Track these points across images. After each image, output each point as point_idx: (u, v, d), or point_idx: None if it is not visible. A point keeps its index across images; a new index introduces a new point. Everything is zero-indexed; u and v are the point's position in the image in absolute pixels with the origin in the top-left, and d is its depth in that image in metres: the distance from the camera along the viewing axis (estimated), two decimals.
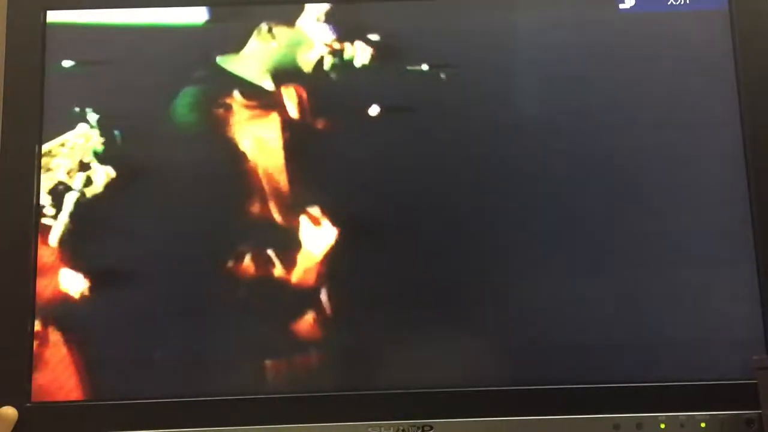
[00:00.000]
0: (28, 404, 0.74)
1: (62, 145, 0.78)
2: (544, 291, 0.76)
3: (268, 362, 0.75)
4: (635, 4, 0.80)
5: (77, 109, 0.79)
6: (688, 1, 0.80)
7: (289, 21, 0.81)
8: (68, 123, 0.79)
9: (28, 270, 0.76)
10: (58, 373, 0.75)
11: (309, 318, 0.75)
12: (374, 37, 0.80)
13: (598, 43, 0.80)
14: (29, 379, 0.74)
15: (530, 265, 0.76)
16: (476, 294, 0.76)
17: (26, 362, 0.74)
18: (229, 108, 0.79)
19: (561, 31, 0.80)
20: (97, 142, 0.78)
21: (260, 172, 0.78)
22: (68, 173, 0.78)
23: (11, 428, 0.72)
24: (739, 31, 0.79)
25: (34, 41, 0.80)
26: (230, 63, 0.80)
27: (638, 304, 0.75)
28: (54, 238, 0.77)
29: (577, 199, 0.77)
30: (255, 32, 0.80)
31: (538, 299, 0.76)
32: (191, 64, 0.80)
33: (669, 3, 0.80)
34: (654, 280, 0.75)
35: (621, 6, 0.80)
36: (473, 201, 0.77)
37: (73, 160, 0.78)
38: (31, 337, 0.75)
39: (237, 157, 0.78)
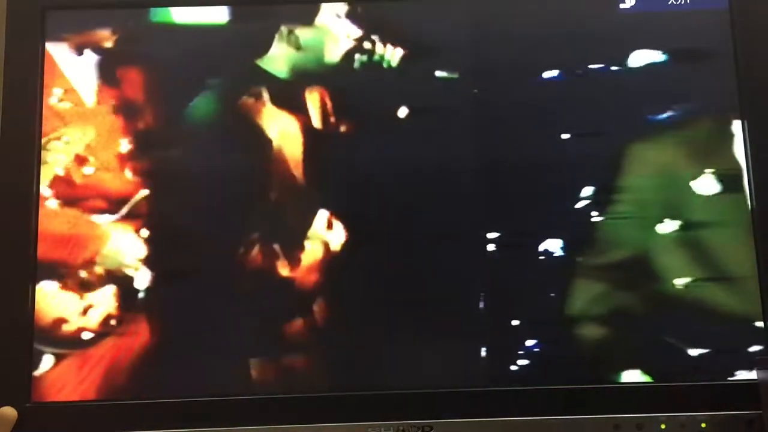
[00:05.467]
0: (28, 404, 0.74)
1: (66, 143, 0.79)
2: (545, 293, 0.76)
3: (268, 362, 0.75)
4: (635, 3, 0.80)
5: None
6: (688, 1, 0.80)
7: (309, 21, 0.81)
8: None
9: (28, 270, 0.76)
10: (58, 373, 0.75)
11: (310, 318, 0.76)
12: (402, 39, 0.80)
13: (598, 42, 0.80)
14: (29, 379, 0.74)
15: (533, 269, 0.76)
16: (476, 296, 0.76)
17: (26, 362, 0.74)
18: (254, 104, 0.79)
19: (561, 30, 0.80)
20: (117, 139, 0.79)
21: (281, 169, 0.78)
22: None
23: (11, 428, 0.72)
24: (739, 31, 0.79)
25: (34, 41, 0.80)
26: (261, 61, 0.80)
27: (638, 304, 0.75)
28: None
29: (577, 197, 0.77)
30: (277, 35, 0.80)
31: (540, 301, 0.76)
32: (218, 61, 0.80)
33: (669, 3, 0.80)
34: (654, 279, 0.76)
35: (621, 6, 0.80)
36: (492, 209, 0.77)
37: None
38: (31, 337, 0.75)
39: (257, 155, 0.78)
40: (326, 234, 0.77)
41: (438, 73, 0.79)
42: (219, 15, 0.81)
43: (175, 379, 0.75)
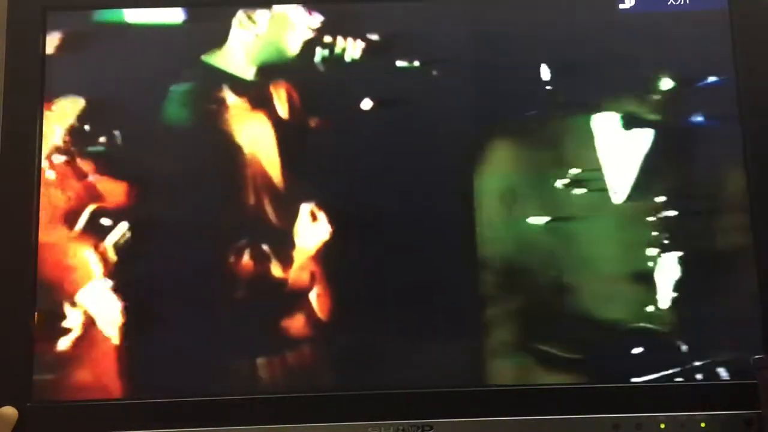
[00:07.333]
0: (28, 404, 0.74)
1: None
2: (544, 290, 0.76)
3: (267, 362, 0.75)
4: (635, 4, 0.80)
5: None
6: (688, 1, 0.80)
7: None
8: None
9: (29, 270, 0.76)
10: (58, 373, 0.75)
11: (308, 316, 0.76)
12: (366, 33, 0.80)
13: (598, 43, 0.80)
14: (29, 379, 0.74)
15: (530, 262, 0.76)
16: (475, 292, 0.76)
17: (26, 362, 0.74)
18: (220, 103, 0.79)
19: (561, 30, 0.80)
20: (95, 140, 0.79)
21: (254, 167, 0.78)
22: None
23: (11, 428, 0.72)
24: (739, 31, 0.79)
25: (35, 41, 0.80)
26: (216, 59, 0.80)
27: (638, 303, 0.75)
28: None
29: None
30: (234, 22, 0.80)
31: (540, 298, 0.76)
32: (179, 62, 0.80)
33: (669, 3, 0.80)
34: (654, 279, 0.76)
35: (621, 6, 0.80)
36: (467, 197, 0.77)
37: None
38: (31, 336, 0.75)
39: (230, 153, 0.78)
40: (322, 232, 0.77)
41: (434, 72, 0.79)
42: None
43: (175, 379, 0.75)
